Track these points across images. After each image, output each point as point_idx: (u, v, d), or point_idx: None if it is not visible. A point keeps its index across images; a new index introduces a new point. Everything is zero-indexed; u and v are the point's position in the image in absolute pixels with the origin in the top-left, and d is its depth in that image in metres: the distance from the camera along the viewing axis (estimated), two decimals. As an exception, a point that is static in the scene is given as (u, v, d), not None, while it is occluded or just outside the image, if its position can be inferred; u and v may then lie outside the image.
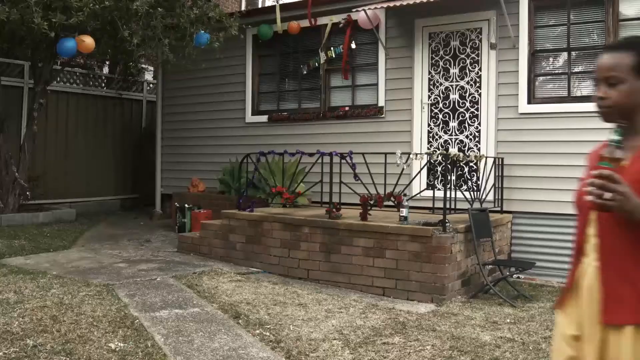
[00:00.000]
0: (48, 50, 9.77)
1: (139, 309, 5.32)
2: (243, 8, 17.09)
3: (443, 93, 8.58)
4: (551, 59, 8.13)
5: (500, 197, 7.96)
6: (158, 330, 4.78)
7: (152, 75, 14.79)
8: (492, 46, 8.23)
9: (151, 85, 13.93)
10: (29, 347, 4.28)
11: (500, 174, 7.97)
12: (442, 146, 8.52)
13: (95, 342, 4.45)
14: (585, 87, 7.85)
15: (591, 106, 8.25)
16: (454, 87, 8.52)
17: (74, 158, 12.09)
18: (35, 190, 10.56)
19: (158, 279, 6.47)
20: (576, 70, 7.91)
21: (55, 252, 7.97)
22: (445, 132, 8.54)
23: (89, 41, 8.37)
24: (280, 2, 10.31)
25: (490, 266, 7.02)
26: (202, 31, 9.20)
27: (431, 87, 8.66)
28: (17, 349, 4.22)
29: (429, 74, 8.68)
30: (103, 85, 13.11)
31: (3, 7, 7.40)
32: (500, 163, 7.99)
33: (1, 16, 7.40)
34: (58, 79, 11.61)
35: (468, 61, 8.45)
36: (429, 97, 8.64)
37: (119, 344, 4.42)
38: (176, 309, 5.37)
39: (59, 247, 8.30)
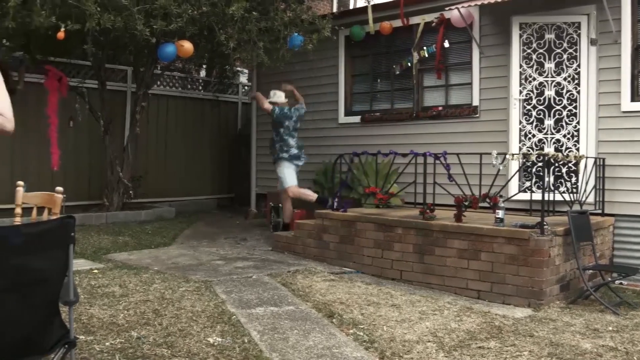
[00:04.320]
0: (149, 56, 10.20)
1: (236, 305, 5.47)
2: (335, 10, 17.18)
3: (537, 89, 8.31)
4: (657, 54, 7.75)
5: (601, 199, 7.65)
6: (254, 326, 4.89)
7: (247, 78, 15.12)
8: (592, 42, 7.91)
9: (246, 88, 14.24)
10: (133, 338, 4.50)
11: (601, 175, 7.66)
12: (536, 145, 8.25)
13: (194, 336, 4.62)
14: (695, 84, 7.44)
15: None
16: (549, 82, 8.24)
17: (174, 158, 12.53)
18: (137, 189, 11.01)
19: (254, 277, 6.62)
20: (685, 65, 7.51)
21: (156, 248, 8.30)
22: (540, 131, 8.27)
23: (188, 46, 8.66)
24: (372, 3, 10.30)
25: (590, 271, 6.77)
26: (296, 34, 9.33)
27: (523, 81, 8.37)
28: (123, 340, 4.44)
29: (520, 67, 8.39)
30: (200, 88, 13.51)
31: (109, 16, 7.76)
32: (601, 164, 7.68)
33: (107, 24, 7.76)
34: (158, 82, 12.06)
35: (565, 56, 8.17)
36: (521, 92, 8.37)
37: (217, 339, 4.56)
38: (271, 306, 5.49)
39: (160, 244, 8.65)
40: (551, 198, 6.85)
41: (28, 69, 9.84)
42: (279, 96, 9.13)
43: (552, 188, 7.34)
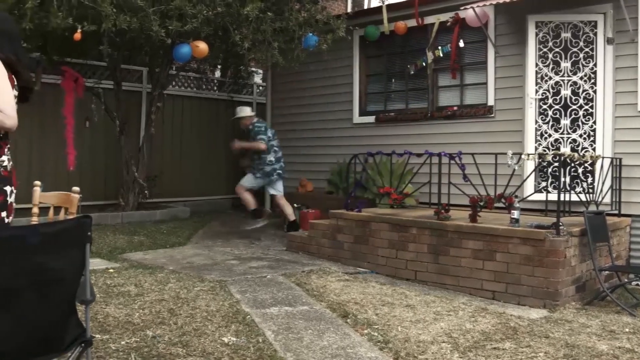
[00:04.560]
0: (165, 56, 10.24)
1: (250, 305, 5.49)
2: (349, 10, 17.18)
3: (553, 88, 8.26)
4: (675, 53, 7.66)
5: (617, 200, 7.59)
6: (268, 326, 4.91)
7: (262, 78, 15.14)
8: (609, 41, 7.86)
9: (260, 88, 14.26)
10: (148, 337, 4.52)
11: (618, 176, 7.60)
12: (552, 145, 8.21)
13: (209, 335, 4.63)
14: None
15: None
16: (565, 82, 8.19)
17: (188, 158, 12.57)
18: (152, 189, 11.06)
19: (268, 277, 6.64)
20: None
21: (171, 248, 8.34)
22: (556, 131, 8.21)
23: (202, 46, 8.69)
24: (387, 3, 10.29)
25: (607, 272, 6.71)
26: (310, 34, 9.33)
27: (539, 81, 8.32)
28: (138, 339, 4.47)
29: (536, 67, 8.33)
30: (215, 88, 13.55)
31: (124, 17, 7.81)
32: (617, 164, 7.62)
33: (123, 25, 7.81)
34: (173, 83, 12.10)
35: (581, 55, 8.11)
36: (537, 91, 8.32)
37: (232, 339, 4.58)
38: (286, 306, 5.50)
39: (175, 243, 8.68)
40: (567, 198, 6.80)
41: (45, 70, 9.91)
42: (245, 111, 9.65)
43: (568, 188, 7.29)
